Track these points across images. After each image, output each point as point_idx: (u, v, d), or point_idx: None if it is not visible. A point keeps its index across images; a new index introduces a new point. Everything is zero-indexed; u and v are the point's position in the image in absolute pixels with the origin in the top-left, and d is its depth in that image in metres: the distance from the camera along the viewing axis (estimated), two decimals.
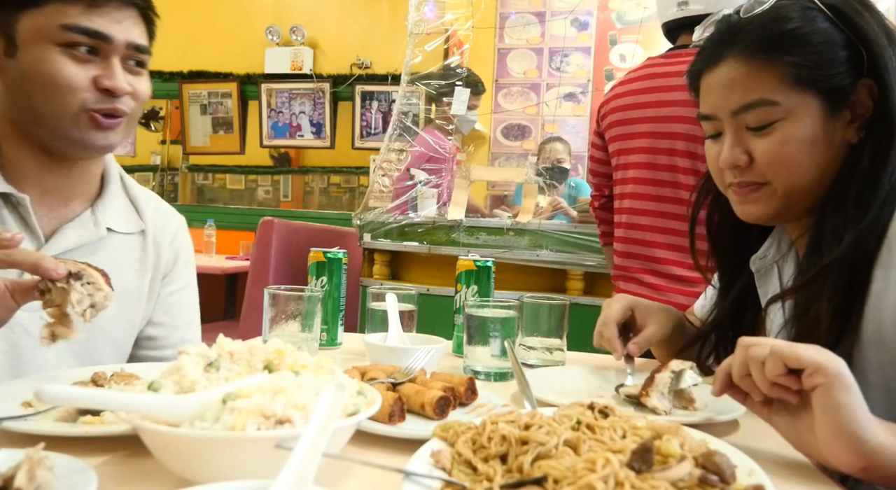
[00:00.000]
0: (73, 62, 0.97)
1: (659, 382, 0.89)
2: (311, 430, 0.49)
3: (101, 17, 0.98)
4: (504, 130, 4.84)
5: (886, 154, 0.88)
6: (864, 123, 0.91)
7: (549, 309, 1.16)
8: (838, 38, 0.90)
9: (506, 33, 4.75)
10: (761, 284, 1.07)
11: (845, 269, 0.87)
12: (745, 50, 0.93)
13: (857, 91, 0.91)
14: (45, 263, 0.74)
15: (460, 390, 0.85)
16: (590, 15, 4.68)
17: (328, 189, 5.27)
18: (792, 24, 0.91)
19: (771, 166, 0.93)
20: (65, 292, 0.75)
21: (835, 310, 0.87)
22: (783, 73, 0.90)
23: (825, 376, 0.64)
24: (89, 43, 0.98)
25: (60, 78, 0.97)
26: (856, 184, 0.89)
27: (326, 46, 5.16)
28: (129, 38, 1.01)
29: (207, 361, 0.65)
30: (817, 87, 0.90)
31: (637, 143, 1.81)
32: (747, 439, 0.79)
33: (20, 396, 0.76)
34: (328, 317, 1.27)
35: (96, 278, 0.77)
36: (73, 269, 0.75)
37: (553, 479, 0.51)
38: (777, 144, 0.91)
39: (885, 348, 0.85)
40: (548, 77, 4.75)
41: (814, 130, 0.91)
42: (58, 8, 0.97)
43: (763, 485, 0.53)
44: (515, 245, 2.73)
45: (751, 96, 0.92)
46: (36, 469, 0.48)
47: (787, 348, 0.66)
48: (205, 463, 0.55)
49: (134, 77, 1.05)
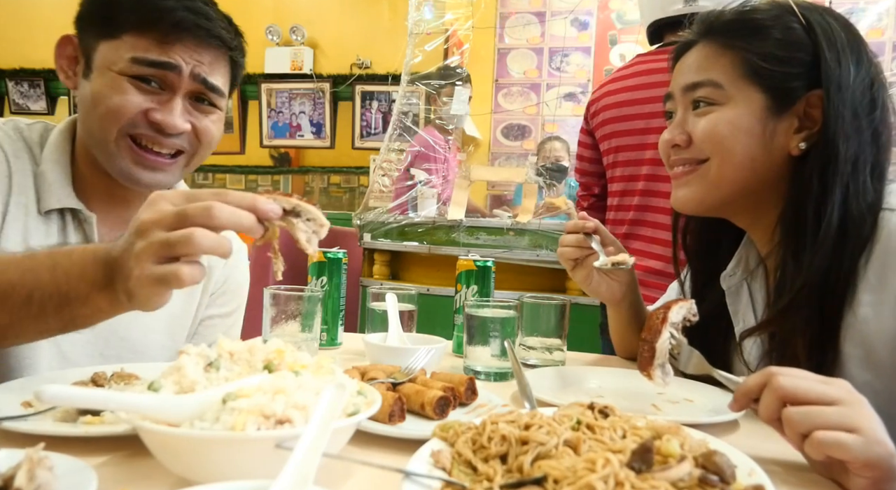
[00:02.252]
0: (134, 91, 0.97)
1: (660, 354, 0.86)
2: (311, 430, 0.49)
3: (173, 50, 0.97)
4: (504, 130, 4.84)
5: (829, 171, 0.88)
6: (809, 136, 0.92)
7: (549, 309, 1.16)
8: (802, 42, 0.92)
9: (506, 33, 4.75)
10: (731, 302, 1.07)
11: (815, 298, 0.86)
12: (712, 36, 0.98)
13: (809, 101, 0.92)
14: (262, 204, 0.69)
15: (460, 390, 0.85)
16: (590, 15, 4.68)
17: (328, 189, 5.28)
18: (759, 16, 0.95)
19: (706, 144, 0.95)
20: (275, 229, 0.72)
21: (811, 342, 0.87)
22: (736, 60, 0.94)
23: (874, 472, 0.60)
24: (156, 74, 0.97)
25: (111, 102, 0.96)
26: (808, 200, 0.89)
27: (326, 46, 5.16)
28: (199, 73, 0.99)
29: (207, 361, 0.64)
30: (764, 83, 0.93)
31: (632, 139, 1.81)
32: (747, 439, 0.79)
33: (20, 396, 0.76)
34: (328, 317, 1.27)
35: (312, 211, 0.74)
36: (288, 207, 0.72)
37: (553, 479, 0.51)
38: (711, 122, 0.95)
39: (878, 373, 0.84)
40: (548, 77, 4.75)
41: (750, 122, 0.93)
42: (132, 40, 0.96)
43: (763, 485, 0.53)
44: (515, 245, 2.73)
45: (701, 76, 0.96)
46: (36, 469, 0.48)
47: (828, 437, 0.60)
48: (205, 463, 0.55)
49: (201, 115, 1.03)
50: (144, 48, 0.96)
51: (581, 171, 2.06)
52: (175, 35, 0.96)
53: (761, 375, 0.67)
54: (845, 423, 0.61)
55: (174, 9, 0.96)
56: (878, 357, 0.84)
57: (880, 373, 0.84)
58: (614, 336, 1.31)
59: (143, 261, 0.65)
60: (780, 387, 0.64)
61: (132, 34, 0.96)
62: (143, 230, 0.66)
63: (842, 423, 0.61)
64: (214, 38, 1.00)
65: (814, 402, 0.63)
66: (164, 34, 0.96)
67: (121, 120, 0.96)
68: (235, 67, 1.08)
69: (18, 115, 5.43)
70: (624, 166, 1.82)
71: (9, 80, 5.44)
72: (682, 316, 0.90)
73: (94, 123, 0.98)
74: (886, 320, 0.83)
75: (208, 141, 1.06)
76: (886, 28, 4.13)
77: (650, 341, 0.87)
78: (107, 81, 0.97)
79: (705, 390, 0.98)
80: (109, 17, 0.97)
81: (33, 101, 5.50)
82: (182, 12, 0.96)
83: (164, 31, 0.95)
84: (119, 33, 0.97)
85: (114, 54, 0.97)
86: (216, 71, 1.02)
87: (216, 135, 1.07)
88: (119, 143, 0.98)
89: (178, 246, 0.64)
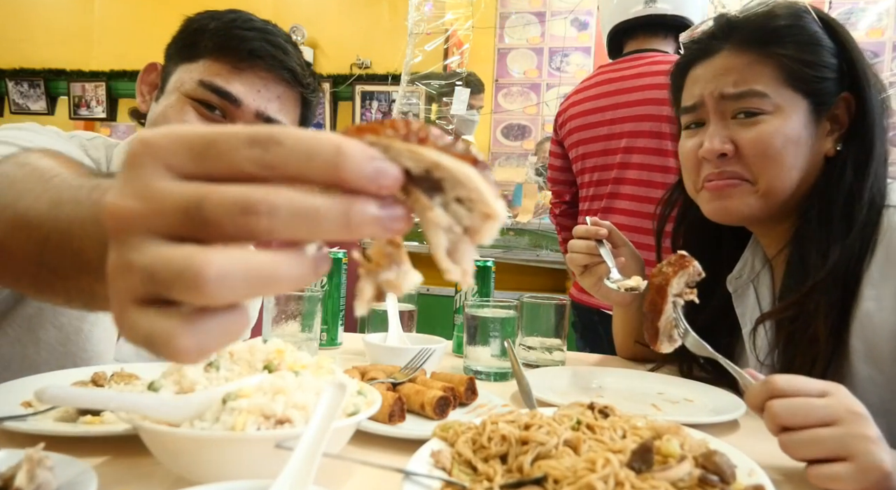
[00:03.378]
0: (196, 117, 0.96)
1: (664, 327, 0.88)
2: (311, 430, 0.49)
3: (242, 81, 0.96)
4: (504, 130, 4.84)
5: (866, 168, 0.90)
6: (839, 138, 0.93)
7: (549, 309, 1.16)
8: (827, 44, 0.93)
9: (506, 33, 4.75)
10: (738, 305, 1.06)
11: (838, 285, 0.87)
12: (740, 42, 0.95)
13: (838, 104, 0.93)
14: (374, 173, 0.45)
15: (460, 390, 0.85)
16: (590, 15, 4.68)
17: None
18: (782, 21, 0.94)
19: (758, 158, 0.93)
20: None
21: (831, 327, 0.87)
22: (776, 68, 0.92)
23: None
24: (218, 103, 0.96)
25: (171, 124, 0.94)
26: (840, 197, 0.90)
27: (326, 46, 5.16)
28: (262, 109, 0.97)
29: (207, 361, 0.64)
30: (805, 89, 0.92)
31: (598, 146, 1.87)
32: (747, 439, 0.79)
33: (20, 396, 0.76)
34: (328, 317, 1.27)
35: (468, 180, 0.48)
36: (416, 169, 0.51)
37: (553, 479, 0.51)
38: (764, 135, 0.92)
39: (880, 367, 0.85)
40: (548, 77, 4.75)
41: (799, 130, 0.92)
42: (208, 64, 0.97)
43: (763, 485, 0.53)
44: (515, 245, 2.73)
45: (742, 86, 0.94)
46: (36, 469, 0.48)
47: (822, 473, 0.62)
48: (205, 463, 0.55)
49: None
50: (215, 73, 0.96)
51: (553, 180, 2.12)
52: (248, 62, 0.96)
53: (762, 391, 0.67)
54: (839, 451, 0.61)
55: (252, 38, 0.97)
56: (880, 351, 0.85)
57: (882, 367, 0.85)
58: (617, 337, 1.31)
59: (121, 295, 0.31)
60: (776, 414, 0.64)
61: (208, 59, 0.97)
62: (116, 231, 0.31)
63: (835, 450, 0.61)
64: (286, 70, 0.99)
65: (811, 426, 0.63)
66: (238, 60, 0.96)
67: None
68: (307, 108, 1.07)
69: (18, 115, 5.44)
70: (591, 172, 1.89)
71: (9, 80, 5.44)
72: (680, 288, 0.90)
73: None
74: (888, 315, 0.84)
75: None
76: (886, 28, 4.13)
77: (652, 320, 0.89)
78: (171, 103, 0.97)
79: (705, 390, 0.98)
80: (193, 42, 0.99)
81: (33, 101, 5.49)
82: (259, 42, 0.97)
83: (239, 58, 0.96)
84: (197, 57, 0.97)
85: (186, 76, 0.97)
86: (284, 108, 1.01)
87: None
88: None
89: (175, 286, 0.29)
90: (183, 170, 0.30)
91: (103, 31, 5.31)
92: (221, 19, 0.99)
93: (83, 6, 5.39)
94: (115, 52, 5.08)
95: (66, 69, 5.33)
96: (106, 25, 5.30)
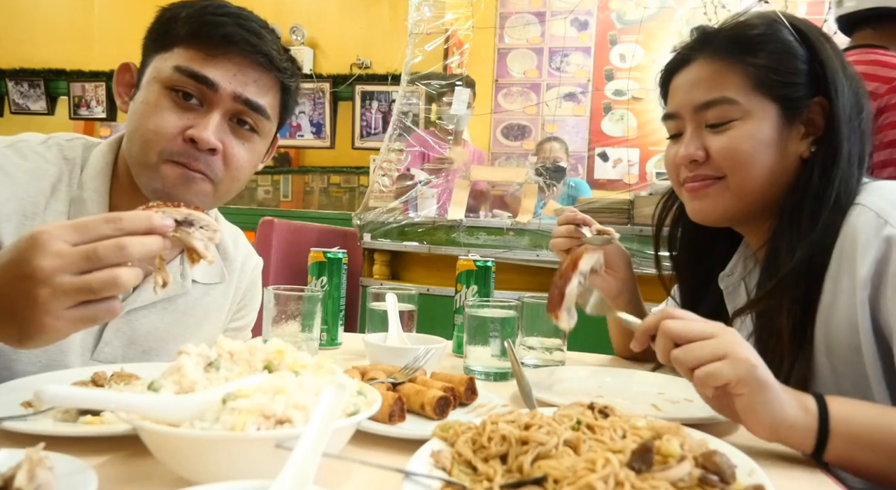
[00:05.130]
0: (172, 107, 0.94)
1: (568, 298, 0.93)
2: (311, 430, 0.49)
3: (217, 67, 0.94)
4: (504, 130, 4.84)
5: (832, 169, 0.93)
6: (814, 141, 0.97)
7: None
8: (798, 52, 0.96)
9: (506, 33, 4.75)
10: (730, 301, 1.09)
11: (801, 281, 0.91)
12: (713, 51, 0.99)
13: (812, 108, 0.96)
14: (157, 222, 0.68)
15: (460, 390, 0.85)
16: (590, 15, 4.68)
17: (328, 189, 5.27)
18: (757, 30, 0.98)
19: (727, 160, 0.97)
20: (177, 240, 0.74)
21: (794, 321, 0.91)
22: (746, 75, 0.96)
23: (746, 387, 0.68)
24: (194, 88, 0.94)
25: (150, 124, 0.93)
26: (808, 198, 0.93)
27: (326, 46, 5.16)
28: (239, 92, 0.95)
29: (207, 361, 0.65)
30: (775, 94, 0.95)
31: None
32: (747, 439, 0.79)
33: (20, 396, 0.76)
34: (328, 317, 1.27)
35: (204, 219, 0.75)
36: (179, 218, 0.72)
37: (553, 479, 0.51)
38: (732, 140, 0.96)
39: (837, 359, 0.89)
40: (548, 77, 4.75)
41: (769, 134, 0.96)
42: (182, 51, 0.95)
43: (763, 485, 0.53)
44: (515, 245, 2.73)
45: (713, 94, 0.98)
46: (36, 469, 0.48)
47: (704, 370, 0.69)
48: (205, 463, 0.55)
49: (236, 140, 0.98)
50: (190, 58, 0.94)
51: None
52: (223, 48, 0.94)
53: (656, 317, 0.75)
54: (717, 353, 0.69)
55: (226, 23, 0.95)
56: (838, 344, 0.88)
57: (840, 360, 0.88)
58: (614, 338, 1.31)
59: (55, 309, 0.62)
60: (668, 329, 0.73)
61: (183, 46, 0.95)
62: (43, 278, 0.61)
63: (714, 353, 0.69)
64: (261, 55, 0.96)
65: (695, 340, 0.71)
66: (212, 47, 0.94)
67: (160, 142, 0.93)
68: (286, 94, 1.04)
69: (18, 115, 5.44)
70: None
71: (9, 80, 5.44)
72: (591, 265, 0.97)
73: (135, 147, 0.96)
74: (843, 307, 0.87)
75: (235, 167, 0.99)
76: None
77: (560, 286, 0.95)
78: (148, 97, 0.95)
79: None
80: (166, 31, 0.97)
81: (33, 101, 5.49)
82: (232, 27, 0.95)
83: (213, 44, 0.94)
84: (171, 46, 0.96)
85: (162, 64, 0.95)
86: (262, 91, 0.99)
87: (245, 164, 1.00)
88: (158, 169, 0.94)
89: (104, 291, 0.63)
90: (70, 240, 0.63)
91: (103, 31, 5.31)
92: (194, 7, 0.97)
93: (83, 6, 5.39)
94: (115, 52, 5.04)
95: (66, 69, 5.34)
96: (106, 25, 5.31)
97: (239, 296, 1.22)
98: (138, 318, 1.04)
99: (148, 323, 1.05)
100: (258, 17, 1.01)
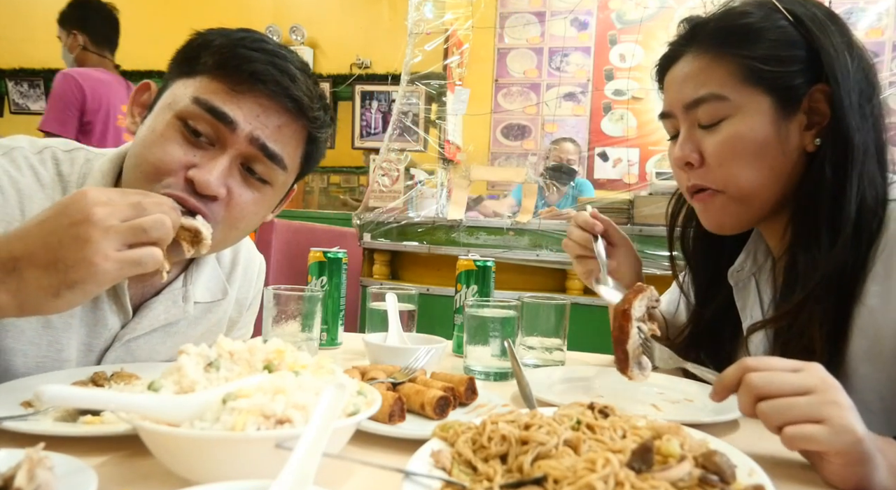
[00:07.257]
0: (179, 140, 0.85)
1: (632, 355, 0.87)
2: (311, 430, 0.49)
3: (239, 105, 0.85)
4: (504, 130, 4.84)
5: (845, 163, 0.86)
6: (820, 132, 0.90)
7: (548, 309, 1.16)
8: (796, 38, 0.90)
9: (506, 33, 4.76)
10: (739, 298, 1.06)
11: (832, 292, 0.86)
12: (702, 44, 0.94)
13: (813, 96, 0.89)
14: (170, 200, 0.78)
15: (460, 390, 0.85)
16: (590, 15, 4.68)
17: (328, 189, 5.27)
18: (749, 19, 0.91)
19: (722, 167, 0.92)
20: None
21: (827, 334, 0.86)
22: (734, 67, 0.90)
23: (844, 458, 0.62)
24: (209, 124, 0.85)
25: (152, 155, 0.85)
26: (824, 197, 0.87)
27: (326, 46, 5.16)
28: (258, 135, 0.86)
29: (207, 361, 0.65)
30: (768, 85, 0.89)
31: None
32: (747, 439, 0.79)
33: (20, 396, 0.76)
34: (328, 317, 1.27)
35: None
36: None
37: (553, 479, 0.50)
38: (726, 141, 0.90)
39: (882, 365, 0.84)
40: (548, 77, 4.75)
41: (764, 130, 0.89)
42: (206, 81, 0.86)
43: (763, 485, 0.53)
44: (515, 245, 2.73)
45: (701, 91, 0.92)
46: (36, 469, 0.48)
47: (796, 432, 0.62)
48: (205, 463, 0.55)
49: (244, 186, 0.88)
50: (212, 91, 0.85)
51: None
52: (248, 85, 0.85)
53: (737, 369, 0.68)
54: (813, 415, 0.62)
55: (257, 59, 0.86)
56: (883, 347, 0.83)
57: (884, 364, 0.84)
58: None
59: (106, 248, 0.67)
60: (754, 385, 0.65)
61: (206, 76, 0.87)
62: (97, 220, 0.67)
63: (810, 414, 0.62)
64: (290, 99, 0.87)
65: (787, 395, 0.64)
66: (238, 82, 0.85)
67: (160, 176, 0.84)
68: (312, 145, 0.95)
69: (18, 115, 5.44)
70: None
71: (9, 80, 5.44)
72: (645, 307, 0.90)
73: (131, 176, 0.88)
74: (893, 310, 0.83)
75: (236, 216, 0.89)
76: (886, 28, 4.14)
77: (621, 343, 0.87)
78: (156, 125, 0.87)
79: (705, 390, 0.97)
80: (194, 57, 0.89)
81: (33, 101, 5.49)
82: (264, 64, 0.86)
83: (240, 79, 0.85)
84: (195, 73, 0.88)
85: (181, 91, 0.87)
86: (283, 139, 0.89)
87: (248, 215, 0.90)
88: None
89: (153, 230, 0.71)
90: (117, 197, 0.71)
91: None
92: (229, 37, 0.89)
93: None
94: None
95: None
96: None
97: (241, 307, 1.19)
98: (139, 346, 1.00)
99: (149, 348, 1.02)
100: (298, 58, 0.92)
